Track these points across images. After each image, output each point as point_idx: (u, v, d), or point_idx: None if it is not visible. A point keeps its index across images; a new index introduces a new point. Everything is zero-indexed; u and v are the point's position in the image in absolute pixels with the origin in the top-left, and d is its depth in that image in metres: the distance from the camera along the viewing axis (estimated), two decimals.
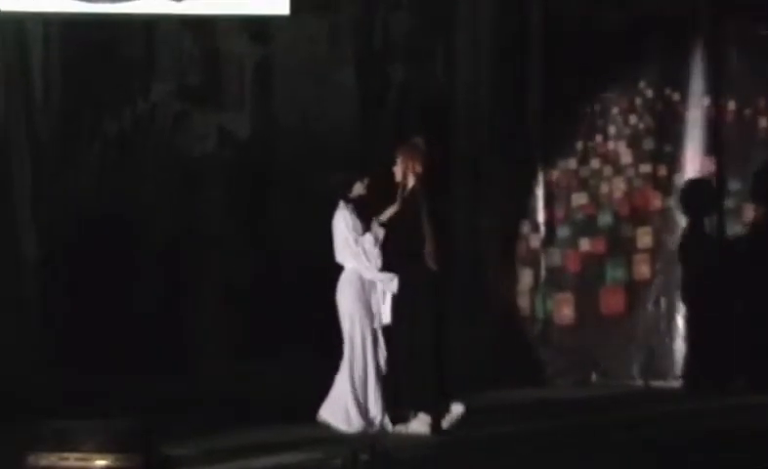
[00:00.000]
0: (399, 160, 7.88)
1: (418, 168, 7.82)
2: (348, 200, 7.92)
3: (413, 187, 7.81)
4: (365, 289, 7.86)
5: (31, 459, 5.68)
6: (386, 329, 7.85)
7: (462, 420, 7.64)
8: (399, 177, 7.86)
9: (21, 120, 9.59)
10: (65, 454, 5.64)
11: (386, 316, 7.80)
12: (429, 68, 10.04)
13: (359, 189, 7.93)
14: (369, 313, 7.85)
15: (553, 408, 8.80)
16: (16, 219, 9.56)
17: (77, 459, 5.62)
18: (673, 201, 9.97)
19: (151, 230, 9.68)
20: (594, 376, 9.98)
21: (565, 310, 10.01)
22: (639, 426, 8.13)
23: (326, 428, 7.76)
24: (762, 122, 9.88)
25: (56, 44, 9.61)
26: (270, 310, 9.51)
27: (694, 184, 9.93)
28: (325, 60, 9.91)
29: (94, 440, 5.70)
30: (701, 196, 9.92)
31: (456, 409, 7.64)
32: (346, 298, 7.87)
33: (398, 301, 7.75)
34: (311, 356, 9.08)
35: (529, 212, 10.05)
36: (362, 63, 9.99)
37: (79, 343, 9.33)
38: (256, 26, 9.83)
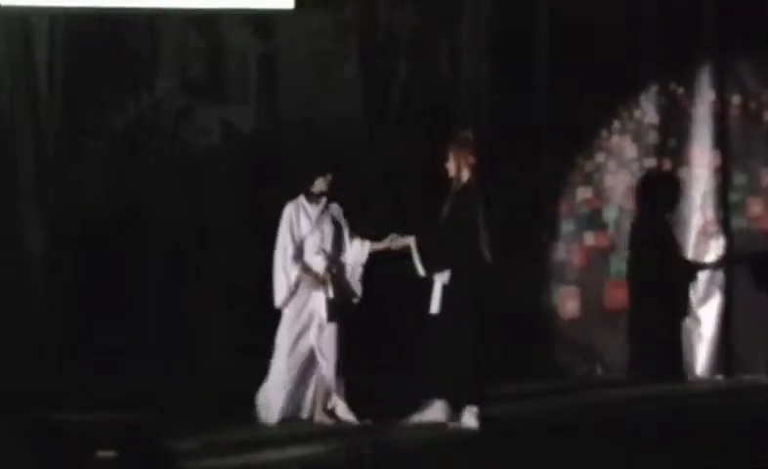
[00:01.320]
0: (451, 155, 7.85)
1: (472, 160, 7.83)
2: (308, 195, 7.89)
3: (469, 179, 7.80)
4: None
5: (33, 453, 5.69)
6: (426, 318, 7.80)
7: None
8: (452, 172, 7.84)
9: (27, 114, 9.59)
10: (68, 448, 5.65)
11: (435, 305, 7.75)
12: (433, 63, 10.03)
13: (320, 184, 7.89)
14: (305, 302, 7.82)
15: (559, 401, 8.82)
16: (21, 213, 9.57)
17: (84, 454, 5.63)
18: None
19: (156, 223, 9.68)
20: (599, 370, 9.99)
21: (569, 304, 10.02)
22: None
23: (330, 422, 7.77)
24: (767, 116, 9.90)
25: (61, 38, 9.61)
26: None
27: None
28: (330, 54, 9.90)
29: (96, 433, 5.71)
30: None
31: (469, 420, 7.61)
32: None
33: (450, 292, 7.71)
34: None
35: (533, 206, 10.05)
36: (366, 58, 9.99)
37: (84, 336, 9.35)
38: (260, 21, 9.82)
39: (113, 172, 9.70)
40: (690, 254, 9.94)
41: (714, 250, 9.95)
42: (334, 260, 7.91)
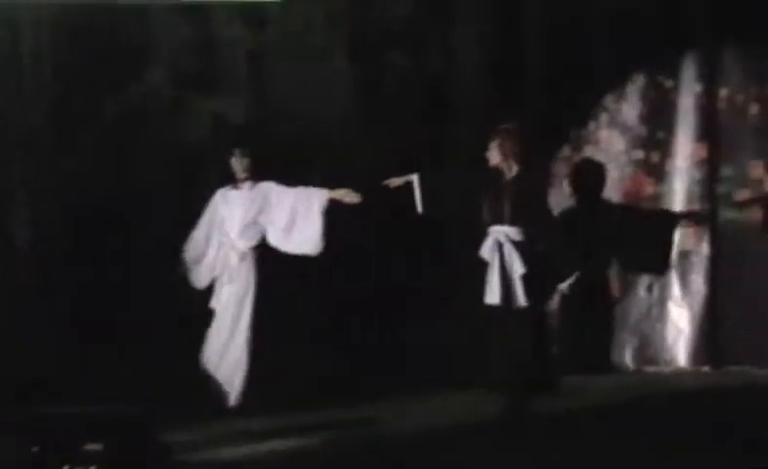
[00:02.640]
0: (495, 145, 7.83)
1: (518, 150, 7.84)
2: (234, 180, 7.98)
3: (519, 170, 7.80)
4: (231, 263, 7.87)
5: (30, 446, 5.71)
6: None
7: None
8: (495, 161, 7.82)
9: (14, 106, 9.59)
10: (60, 441, 5.67)
11: (494, 295, 7.72)
12: (425, 55, 10.04)
13: (236, 166, 8.00)
14: (237, 285, 7.84)
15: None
16: (8, 205, 9.57)
17: (72, 446, 5.65)
18: (665, 187, 10.02)
19: (147, 215, 9.69)
20: None
21: (556, 296, 10.04)
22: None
23: (325, 414, 7.80)
24: (754, 109, 9.92)
25: (48, 30, 9.61)
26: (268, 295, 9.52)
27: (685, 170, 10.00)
28: (321, 46, 9.91)
29: (92, 426, 5.73)
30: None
31: None
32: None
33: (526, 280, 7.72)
34: (306, 341, 9.12)
35: None
36: (357, 50, 10.00)
37: (75, 330, 9.35)
38: (251, 12, 9.83)
39: (103, 164, 9.71)
40: (676, 247, 9.98)
41: (700, 242, 9.99)
42: (255, 239, 7.89)
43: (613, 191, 10.04)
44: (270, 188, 8.10)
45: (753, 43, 9.84)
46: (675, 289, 9.99)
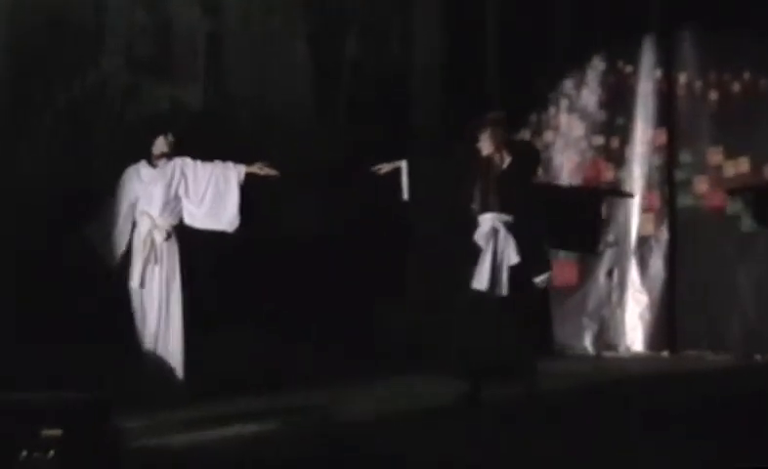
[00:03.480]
0: (485, 135, 7.79)
1: (507, 139, 7.81)
2: (149, 158, 7.92)
3: (511, 160, 7.76)
4: (156, 242, 7.82)
5: None
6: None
7: None
8: (486, 151, 7.78)
9: None
10: (19, 426, 5.59)
11: (482, 282, 7.69)
12: (384, 42, 10.01)
13: (161, 145, 7.92)
14: (163, 266, 7.84)
15: None
16: None
17: (30, 431, 5.57)
18: (625, 173, 10.06)
19: (102, 202, 9.58)
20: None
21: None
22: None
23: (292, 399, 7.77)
24: (713, 95, 9.98)
25: (4, 14, 9.47)
26: (232, 283, 9.47)
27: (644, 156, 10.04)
28: (280, 33, 9.86)
29: (46, 411, 5.65)
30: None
31: None
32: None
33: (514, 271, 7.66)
34: (276, 329, 9.09)
35: None
36: (315, 37, 9.95)
37: (31, 317, 9.23)
38: None
39: (59, 149, 9.60)
40: (634, 231, 10.03)
41: (659, 228, 10.05)
42: (178, 217, 7.90)
43: (572, 177, 10.07)
44: (185, 163, 7.99)
45: (712, 30, 9.89)
46: (634, 275, 10.03)
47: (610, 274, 9.98)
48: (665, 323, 10.01)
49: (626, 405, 7.91)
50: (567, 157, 10.13)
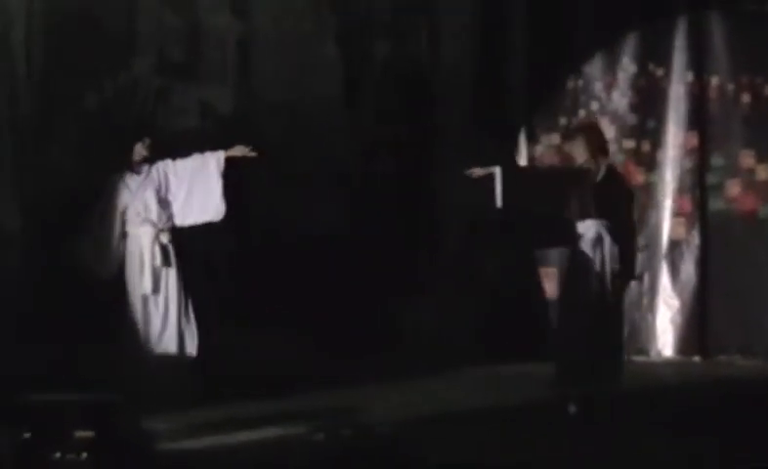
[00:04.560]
0: (580, 142, 7.74)
1: (606, 146, 7.79)
2: (130, 165, 7.89)
3: (608, 167, 7.71)
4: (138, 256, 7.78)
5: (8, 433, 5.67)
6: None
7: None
8: (581, 158, 7.74)
9: (3, 94, 9.50)
10: (43, 429, 5.62)
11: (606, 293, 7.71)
12: (412, 43, 10.01)
13: (140, 151, 7.91)
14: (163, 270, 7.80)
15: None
16: None
17: (63, 433, 5.61)
18: (656, 176, 10.02)
19: (89, 215, 9.60)
20: None
21: (551, 284, 10.05)
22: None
23: (308, 402, 7.76)
24: (745, 98, 9.92)
25: (37, 18, 9.52)
26: (252, 285, 9.48)
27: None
28: (309, 35, 9.87)
29: (74, 414, 5.68)
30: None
31: None
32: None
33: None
34: (294, 332, 9.08)
35: None
36: (344, 39, 9.96)
37: (60, 316, 9.27)
38: (239, 1, 9.78)
39: (89, 151, 9.63)
40: (665, 236, 9.98)
41: (690, 232, 9.99)
42: (163, 221, 7.86)
43: None
44: (166, 164, 8.01)
45: (744, 32, 9.83)
46: (665, 279, 9.98)
47: (640, 278, 9.93)
48: (696, 328, 9.94)
49: (655, 408, 7.88)
50: None
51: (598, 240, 7.69)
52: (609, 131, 10.06)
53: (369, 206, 9.77)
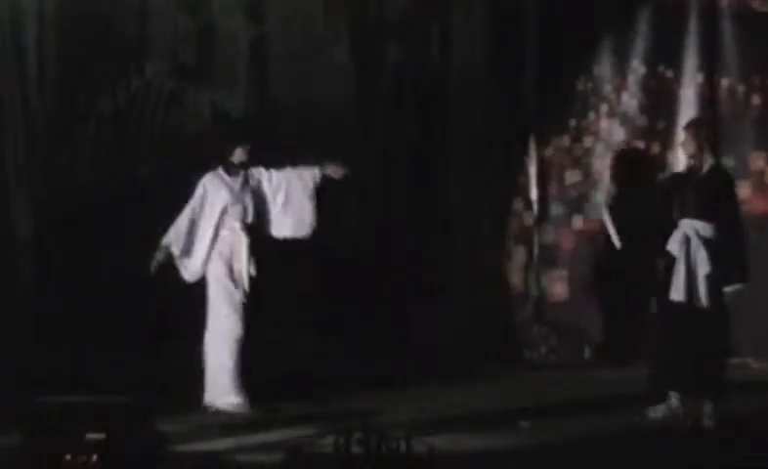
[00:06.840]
0: (688, 137, 7.63)
1: (712, 141, 7.71)
2: (227, 166, 7.82)
3: (712, 164, 7.63)
4: (227, 258, 7.77)
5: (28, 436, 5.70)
6: None
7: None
8: (690, 153, 7.62)
9: (16, 98, 9.58)
10: (62, 431, 5.66)
11: (679, 292, 7.44)
12: (424, 46, 10.04)
13: (240, 155, 7.84)
14: (232, 281, 7.76)
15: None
16: (10, 197, 9.56)
17: (74, 435, 5.64)
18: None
19: (145, 207, 9.67)
20: (587, 354, 10.03)
21: (558, 287, 10.06)
22: None
23: (319, 405, 7.78)
24: (756, 99, 9.92)
25: (50, 22, 9.60)
26: (262, 288, 9.52)
27: None
28: (321, 38, 9.91)
29: (85, 416, 5.72)
30: None
31: None
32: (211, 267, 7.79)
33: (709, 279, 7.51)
34: (308, 335, 9.13)
35: (522, 189, 10.09)
36: (356, 42, 10.00)
37: (74, 321, 9.34)
38: (252, 4, 9.83)
39: (103, 155, 9.70)
40: None
41: None
42: (256, 229, 7.83)
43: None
44: (260, 172, 7.96)
45: (754, 33, 9.83)
46: None
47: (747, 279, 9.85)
48: None
49: None
50: (607, 163, 10.10)
51: (685, 240, 7.45)
52: (619, 133, 10.09)
53: (382, 209, 9.82)
